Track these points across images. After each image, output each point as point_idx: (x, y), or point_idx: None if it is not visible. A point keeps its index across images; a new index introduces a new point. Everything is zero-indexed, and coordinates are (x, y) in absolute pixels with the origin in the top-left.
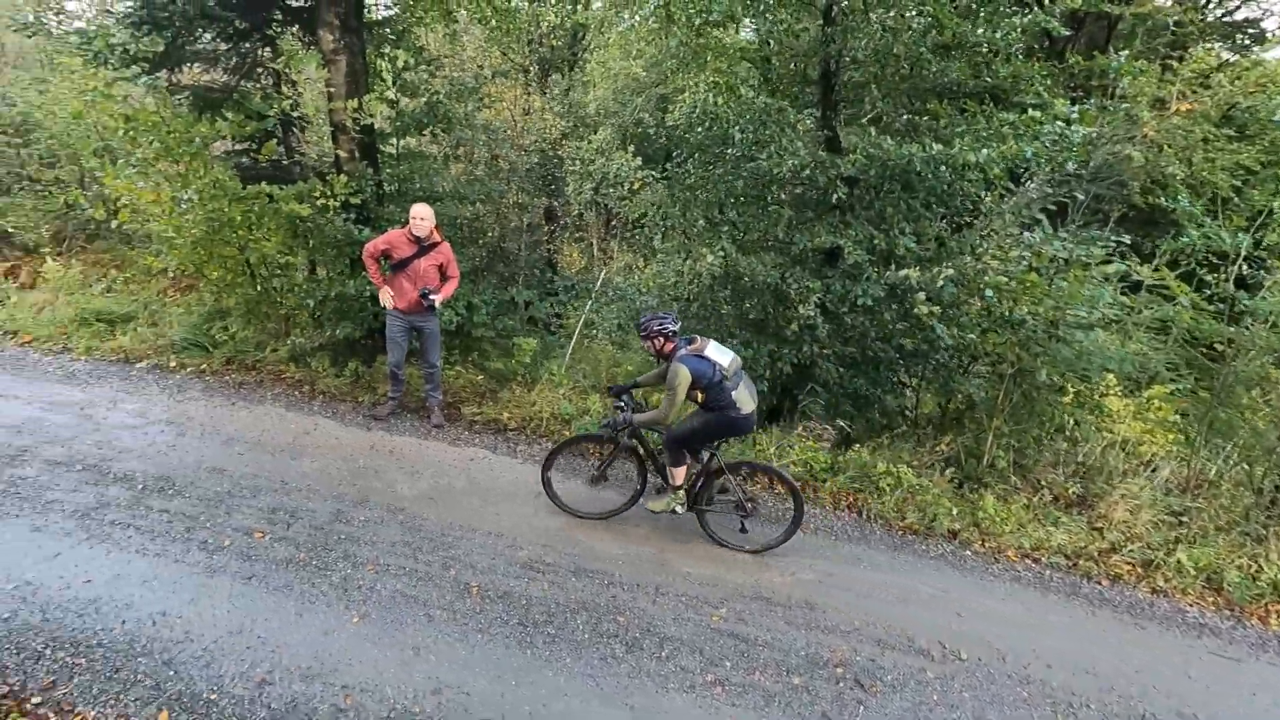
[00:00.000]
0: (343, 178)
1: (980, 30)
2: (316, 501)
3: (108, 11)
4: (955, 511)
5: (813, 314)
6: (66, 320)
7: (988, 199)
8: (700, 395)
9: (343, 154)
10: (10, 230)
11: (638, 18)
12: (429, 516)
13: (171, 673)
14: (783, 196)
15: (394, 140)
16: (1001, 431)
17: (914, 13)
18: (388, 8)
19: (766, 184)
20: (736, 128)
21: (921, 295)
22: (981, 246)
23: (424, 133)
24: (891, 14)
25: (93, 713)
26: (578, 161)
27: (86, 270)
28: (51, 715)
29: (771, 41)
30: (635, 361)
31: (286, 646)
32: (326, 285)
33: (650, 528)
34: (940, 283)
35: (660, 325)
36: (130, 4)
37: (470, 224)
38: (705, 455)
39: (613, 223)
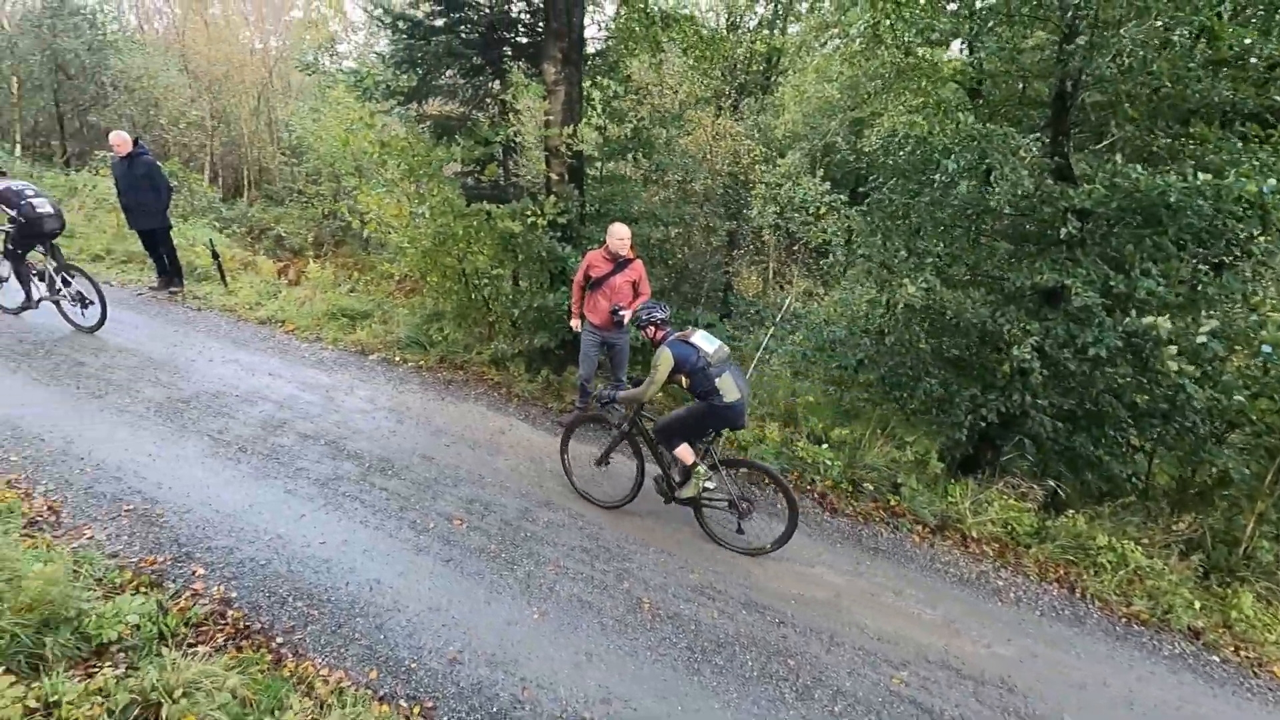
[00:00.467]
0: (552, 198)
1: (1272, 43)
2: (508, 497)
3: (377, 53)
4: (1199, 606)
5: (1028, 358)
6: (320, 314)
7: (1262, 239)
8: (685, 380)
9: (554, 176)
10: (283, 235)
11: (838, 41)
12: (606, 526)
13: (382, 637)
14: (997, 228)
15: (599, 164)
16: (1267, 518)
17: (1162, 23)
18: (602, 41)
19: (979, 214)
20: (950, 156)
21: (1173, 349)
22: (1257, 295)
23: (626, 157)
24: (1149, 25)
25: (320, 660)
26: (763, 185)
27: (336, 271)
28: (290, 656)
29: (988, 61)
30: (815, 392)
31: (475, 631)
32: (529, 297)
33: (826, 567)
34: (1201, 338)
35: (649, 314)
36: (393, 46)
37: (660, 245)
38: (701, 450)
39: (795, 247)
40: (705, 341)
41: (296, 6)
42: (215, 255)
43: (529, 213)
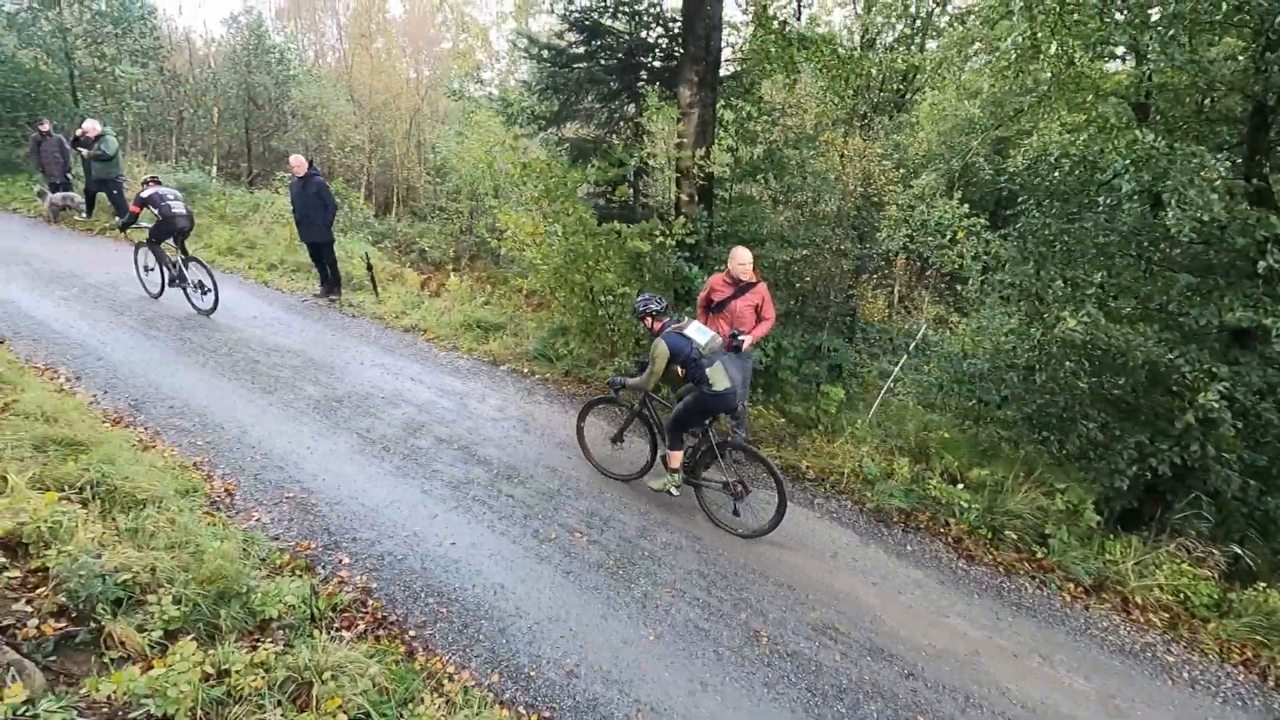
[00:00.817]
0: (681, 219)
1: None
2: (626, 514)
3: (521, 80)
4: None
5: (1217, 406)
6: (457, 324)
7: None
8: (681, 370)
9: (684, 197)
10: (426, 249)
11: (986, 57)
12: (723, 552)
13: (504, 641)
14: (1173, 257)
15: (729, 185)
16: None
17: None
18: (736, 64)
19: (1153, 241)
20: (1125, 176)
21: None
22: None
23: (757, 178)
24: None
25: (448, 657)
26: (895, 206)
27: (472, 285)
28: (420, 650)
29: (1160, 74)
30: (947, 426)
31: (592, 645)
32: None
33: (961, 619)
34: None
35: (645, 306)
36: (537, 74)
37: (787, 267)
38: (700, 432)
39: (927, 272)
40: (698, 334)
41: (446, 38)
42: (369, 267)
43: (658, 233)
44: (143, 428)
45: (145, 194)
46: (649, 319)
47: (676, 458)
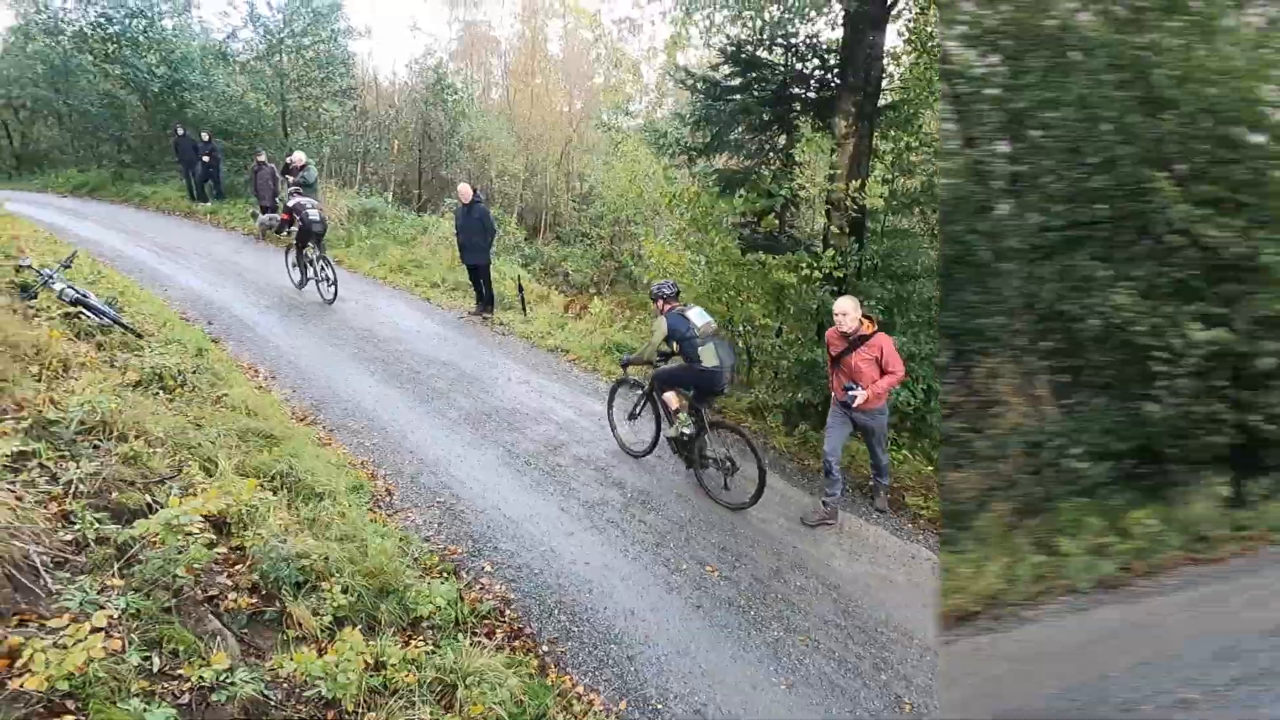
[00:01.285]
0: (830, 251)
1: None
2: (759, 552)
3: (677, 114)
4: None
5: None
6: (597, 346)
7: None
8: (676, 346)
9: (833, 229)
10: (570, 272)
11: None
12: (863, 604)
13: (633, 669)
14: None
15: (882, 218)
16: None
17: None
18: (894, 94)
19: None
20: None
21: None
22: None
23: (913, 211)
24: None
25: (578, 677)
26: None
27: (612, 309)
28: (551, 665)
29: None
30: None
31: (721, 686)
32: (796, 349)
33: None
34: None
35: (659, 290)
36: (691, 106)
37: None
38: (694, 414)
39: None
40: (697, 317)
41: (598, 73)
42: (520, 289)
43: (804, 265)
44: (322, 426)
45: (291, 203)
46: (660, 301)
47: (671, 398)
